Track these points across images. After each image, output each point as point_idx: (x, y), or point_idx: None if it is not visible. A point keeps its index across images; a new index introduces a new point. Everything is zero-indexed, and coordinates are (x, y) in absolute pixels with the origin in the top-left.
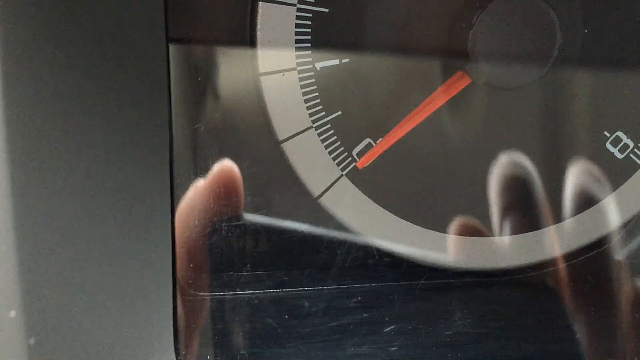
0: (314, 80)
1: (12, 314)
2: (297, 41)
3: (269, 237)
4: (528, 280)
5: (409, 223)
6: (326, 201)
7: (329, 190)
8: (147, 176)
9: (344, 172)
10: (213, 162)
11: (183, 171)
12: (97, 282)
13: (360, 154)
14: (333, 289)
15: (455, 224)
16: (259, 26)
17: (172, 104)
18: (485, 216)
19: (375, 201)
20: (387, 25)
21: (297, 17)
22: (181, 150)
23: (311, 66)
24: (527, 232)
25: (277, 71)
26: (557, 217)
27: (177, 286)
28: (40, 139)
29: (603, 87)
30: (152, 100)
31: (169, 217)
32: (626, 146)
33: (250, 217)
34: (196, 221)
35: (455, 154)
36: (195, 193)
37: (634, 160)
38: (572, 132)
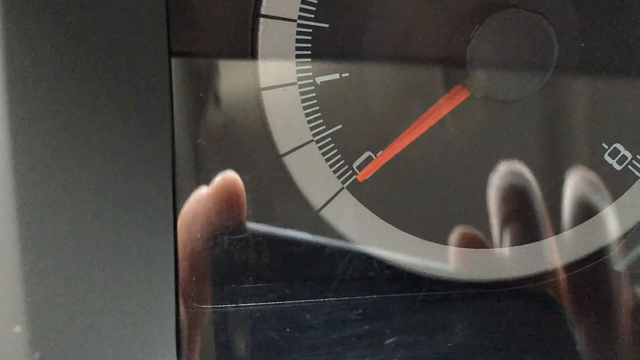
0: (314, 94)
1: (17, 329)
2: (297, 56)
3: (270, 249)
4: (528, 292)
5: (410, 235)
6: (327, 214)
7: (330, 203)
8: (150, 189)
9: (345, 185)
10: (215, 176)
11: (185, 184)
12: (101, 296)
13: (361, 167)
14: (334, 301)
15: (455, 236)
16: (259, 41)
17: (174, 117)
18: (485, 228)
19: (376, 213)
20: (387, 40)
21: (298, 33)
22: (183, 163)
23: (311, 81)
24: (527, 243)
25: (277, 86)
26: (557, 229)
27: (180, 299)
28: (44, 153)
29: (601, 99)
30: (154, 114)
31: (172, 230)
32: (624, 158)
33: (252, 230)
34: (198, 234)
35: (455, 166)
36: (198, 206)
37: (633, 172)
38: (570, 144)
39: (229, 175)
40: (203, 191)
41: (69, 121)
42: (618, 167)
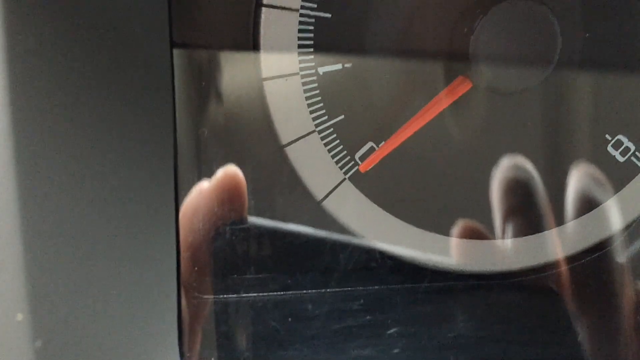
0: (316, 85)
1: (19, 317)
2: (299, 46)
3: (272, 240)
4: (530, 283)
5: (412, 226)
6: (329, 204)
7: (332, 194)
8: (152, 180)
9: (347, 176)
10: (217, 166)
11: (187, 175)
12: (103, 285)
13: (363, 158)
14: (336, 292)
15: (458, 227)
16: (261, 31)
17: (176, 108)
18: (487, 219)
19: (378, 204)
20: (389, 31)
21: (300, 23)
22: (185, 154)
23: (314, 71)
24: (529, 235)
25: (280, 76)
26: (559, 220)
27: (182, 289)
28: (46, 145)
29: (604, 90)
30: (156, 105)
31: (174, 221)
32: (627, 149)
33: (254, 220)
34: (200, 225)
35: (457, 158)
36: (199, 197)
37: (635, 164)
38: (573, 135)
39: (231, 168)
40: (205, 182)
41: (70, 114)
42: (621, 159)
